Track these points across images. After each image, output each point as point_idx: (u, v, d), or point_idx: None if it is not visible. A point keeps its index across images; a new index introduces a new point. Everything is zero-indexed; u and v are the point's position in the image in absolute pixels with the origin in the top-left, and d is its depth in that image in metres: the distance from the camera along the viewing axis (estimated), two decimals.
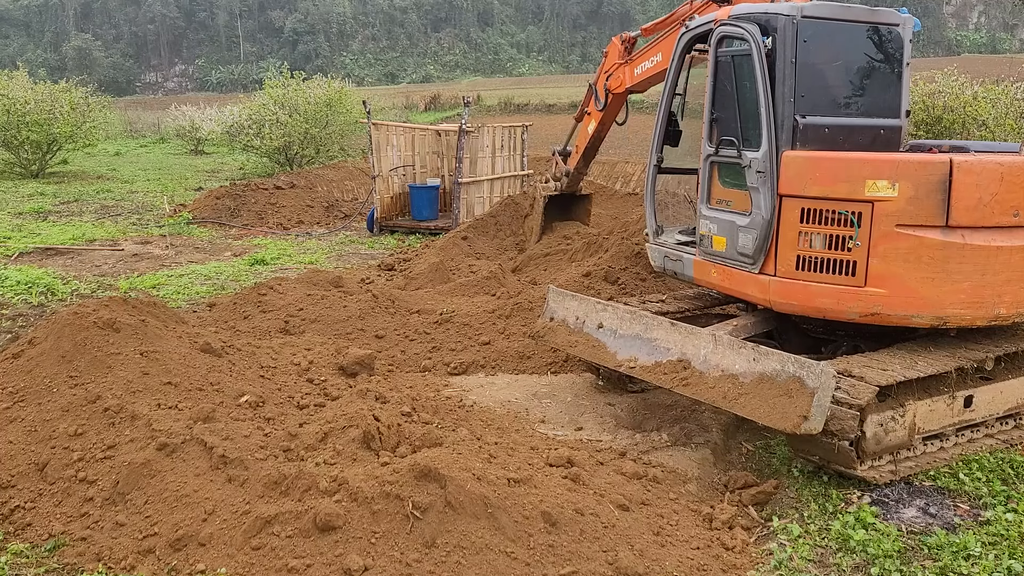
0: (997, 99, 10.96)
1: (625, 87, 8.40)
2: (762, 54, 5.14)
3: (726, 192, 5.63)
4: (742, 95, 5.39)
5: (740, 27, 5.33)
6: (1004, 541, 4.00)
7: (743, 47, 5.33)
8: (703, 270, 5.87)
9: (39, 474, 4.22)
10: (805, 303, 5.06)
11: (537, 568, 3.52)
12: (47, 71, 67.44)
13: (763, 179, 5.15)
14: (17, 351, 5.27)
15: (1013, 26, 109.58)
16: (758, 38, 5.17)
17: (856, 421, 4.30)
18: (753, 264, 5.28)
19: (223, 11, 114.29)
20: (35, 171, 21.00)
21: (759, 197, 5.19)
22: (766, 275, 5.22)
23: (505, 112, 38.40)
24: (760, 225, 5.17)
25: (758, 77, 5.16)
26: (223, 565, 3.52)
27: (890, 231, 4.68)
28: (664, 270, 6.46)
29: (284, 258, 11.78)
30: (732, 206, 5.54)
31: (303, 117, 20.05)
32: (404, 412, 4.98)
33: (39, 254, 11.38)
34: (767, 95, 5.14)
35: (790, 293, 5.10)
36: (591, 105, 9.11)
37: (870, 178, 4.71)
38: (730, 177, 5.59)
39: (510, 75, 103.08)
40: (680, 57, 6.20)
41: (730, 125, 5.46)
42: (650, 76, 8.00)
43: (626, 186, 16.95)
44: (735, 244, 5.41)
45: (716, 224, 5.64)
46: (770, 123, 5.12)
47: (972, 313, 4.77)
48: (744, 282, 5.42)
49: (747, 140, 5.33)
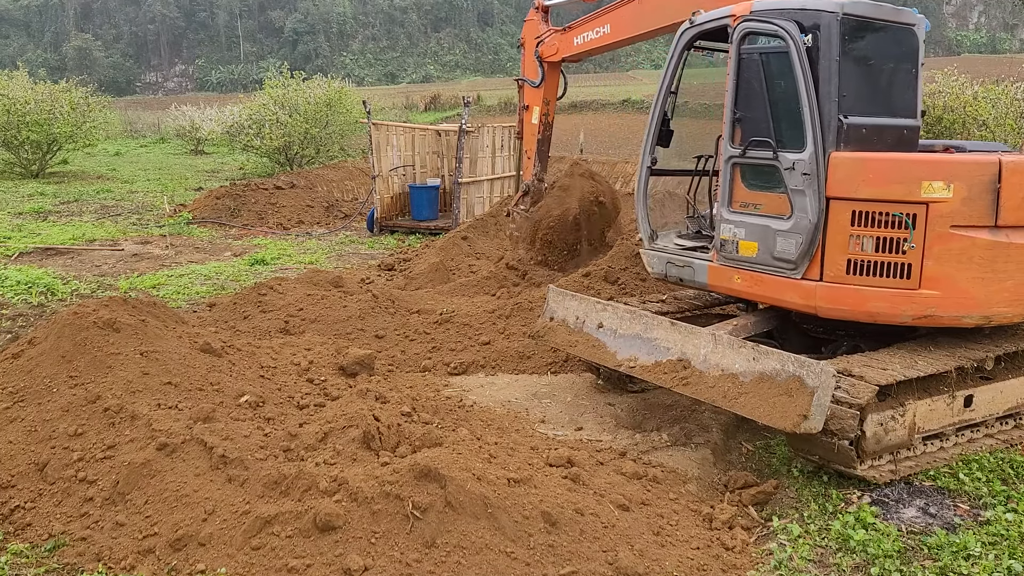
0: (997, 99, 10.95)
1: (561, 56, 8.01)
2: (803, 52, 4.96)
3: (753, 195, 5.42)
4: (775, 94, 5.22)
5: (772, 24, 5.13)
6: (1004, 541, 4.00)
7: (776, 44, 5.15)
8: (722, 276, 5.62)
9: (39, 474, 4.22)
10: (856, 308, 4.93)
11: (537, 568, 3.52)
12: (47, 71, 67.38)
13: (809, 181, 4.96)
14: (17, 351, 5.27)
15: (1013, 26, 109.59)
16: (797, 36, 4.99)
17: (856, 420, 4.30)
18: (795, 269, 5.09)
19: (223, 11, 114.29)
20: (35, 171, 21.01)
21: (804, 200, 5.00)
22: (809, 280, 5.04)
23: (505, 112, 38.32)
24: (806, 229, 4.98)
25: (799, 76, 4.98)
26: (223, 565, 3.52)
27: (944, 232, 4.67)
28: (666, 277, 6.18)
29: (284, 258, 11.78)
30: (763, 209, 5.33)
31: (303, 117, 20.06)
32: (404, 412, 4.98)
33: (39, 254, 11.38)
34: (810, 95, 4.96)
35: (839, 298, 4.95)
36: (527, 95, 8.68)
37: (926, 179, 4.68)
38: (759, 179, 5.41)
39: (510, 75, 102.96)
40: (680, 54, 5.98)
41: (759, 125, 5.28)
42: (593, 48, 7.65)
43: (626, 186, 16.94)
44: (770, 249, 5.21)
45: (743, 228, 5.41)
46: (815, 124, 4.94)
47: (1013, 311, 4.83)
48: (781, 288, 5.21)
49: (784, 141, 5.14)
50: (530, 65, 8.51)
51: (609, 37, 7.55)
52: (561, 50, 7.99)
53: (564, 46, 7.96)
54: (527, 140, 8.90)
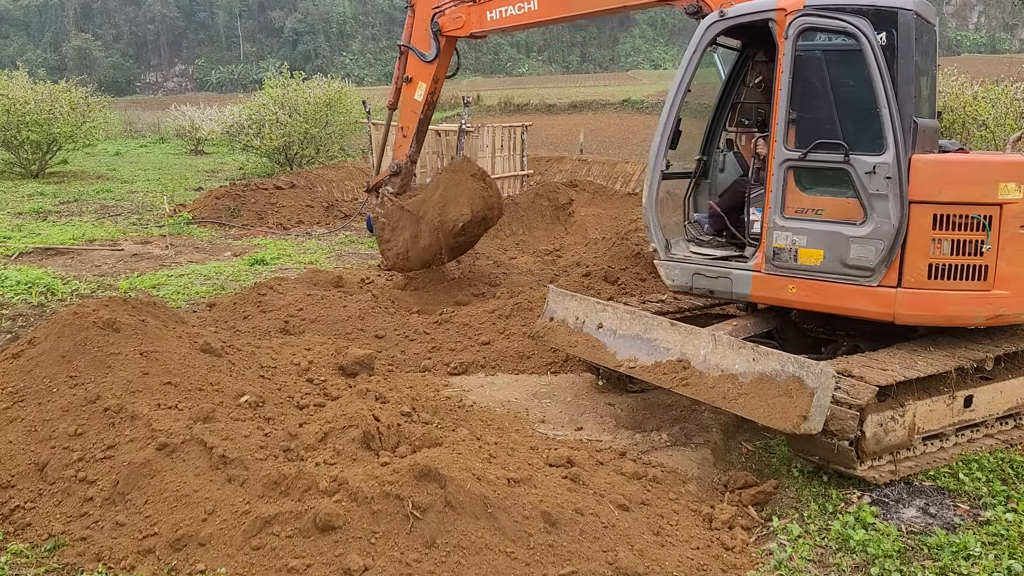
0: (997, 99, 10.97)
1: (468, 31, 7.18)
2: (879, 51, 4.80)
3: (812, 200, 5.18)
4: (842, 94, 5.05)
5: (841, 20, 4.91)
6: (1004, 541, 4.00)
7: (842, 42, 4.99)
8: (770, 287, 5.34)
9: (39, 474, 4.22)
10: (936, 312, 4.90)
11: (537, 568, 3.52)
12: (47, 71, 67.41)
13: (891, 185, 4.82)
14: (17, 351, 5.27)
15: (1013, 26, 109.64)
16: (872, 34, 4.82)
17: (856, 421, 4.30)
18: (871, 277, 4.94)
19: (223, 11, 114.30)
20: (35, 171, 21.00)
21: (886, 204, 4.85)
22: (887, 287, 4.92)
23: (505, 112, 38.36)
24: (888, 235, 4.84)
25: (875, 76, 4.82)
26: (223, 565, 3.52)
27: (1016, 232, 4.76)
28: (691, 289, 5.75)
29: (284, 258, 11.78)
30: (827, 215, 5.10)
31: (303, 117, 20.06)
32: (404, 412, 4.98)
33: (39, 254, 11.38)
34: (890, 95, 4.81)
35: (920, 304, 4.88)
36: (414, 67, 7.70)
37: (1001, 181, 4.72)
38: (820, 183, 5.19)
39: (510, 75, 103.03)
40: (704, 50, 5.58)
41: (823, 127, 5.06)
42: (510, 26, 6.95)
43: (626, 186, 16.95)
44: (841, 256, 5.01)
45: (804, 236, 5.15)
46: (896, 126, 4.79)
47: None
48: (851, 297, 5.04)
49: (854, 143, 4.96)
50: (421, 35, 7.57)
51: (534, 15, 6.81)
52: (469, 24, 7.14)
53: (474, 20, 7.09)
54: (406, 117, 8.01)
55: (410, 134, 8.02)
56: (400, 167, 8.17)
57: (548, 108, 40.06)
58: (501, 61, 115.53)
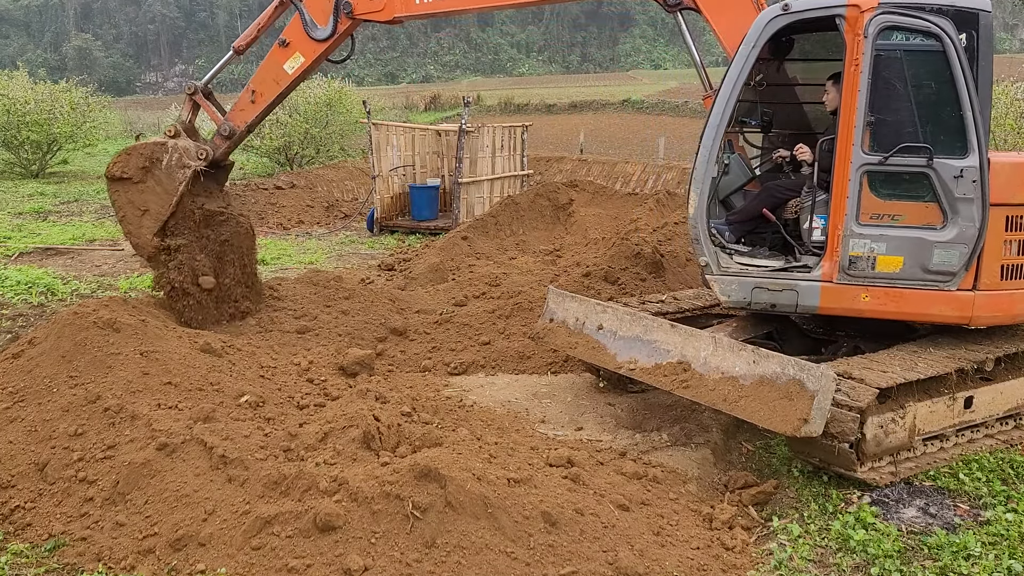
0: (997, 99, 10.96)
1: (391, 15, 6.45)
2: (962, 52, 4.75)
3: (889, 205, 5.03)
4: (922, 96, 4.96)
5: (924, 20, 4.80)
6: (1004, 541, 4.00)
7: (922, 42, 4.87)
8: (841, 297, 5.16)
9: (39, 474, 4.23)
10: (1007, 312, 5.05)
11: (537, 568, 3.52)
12: (47, 71, 67.34)
13: (976, 188, 4.82)
14: (17, 351, 5.27)
15: (1013, 26, 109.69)
16: (954, 34, 4.75)
17: (856, 423, 4.30)
18: (950, 281, 4.94)
19: (223, 11, 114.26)
20: (35, 171, 20.99)
21: (971, 208, 4.83)
22: (965, 291, 4.94)
23: (505, 112, 38.36)
24: (971, 238, 4.85)
25: (959, 77, 4.76)
26: (223, 565, 3.52)
27: None
28: (750, 304, 5.40)
29: (284, 258, 11.78)
30: (906, 220, 5.00)
31: (303, 117, 20.06)
32: (404, 412, 4.98)
33: (39, 254, 11.38)
34: (973, 97, 4.77)
35: (995, 305, 4.98)
36: (298, 38, 6.65)
37: None
38: (898, 188, 5.05)
39: (510, 75, 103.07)
40: (763, 45, 5.21)
41: (905, 130, 4.93)
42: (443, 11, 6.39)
43: (626, 186, 16.96)
44: (923, 262, 4.96)
45: (883, 242, 5.01)
46: (978, 128, 4.78)
47: None
48: (929, 302, 5.01)
49: (939, 147, 4.87)
50: (320, 7, 6.60)
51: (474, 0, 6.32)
52: (392, 8, 6.42)
53: (398, 3, 6.41)
54: (265, 83, 6.86)
55: (261, 103, 6.89)
56: (233, 131, 6.90)
57: (548, 108, 40.07)
58: (501, 61, 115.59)
